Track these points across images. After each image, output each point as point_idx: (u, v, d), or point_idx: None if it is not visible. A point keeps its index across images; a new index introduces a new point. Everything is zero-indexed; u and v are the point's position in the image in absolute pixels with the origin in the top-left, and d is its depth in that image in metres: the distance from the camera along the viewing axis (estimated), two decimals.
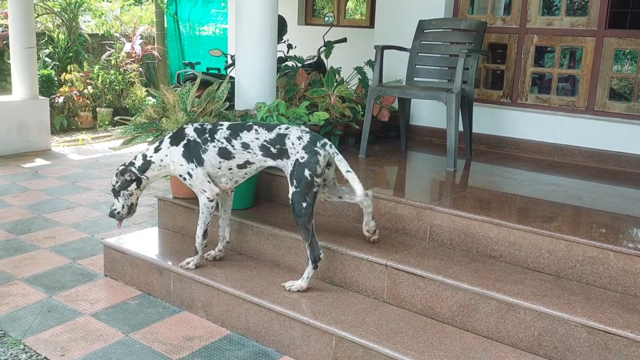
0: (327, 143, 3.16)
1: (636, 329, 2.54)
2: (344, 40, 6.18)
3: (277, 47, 4.55)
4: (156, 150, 3.38)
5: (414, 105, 5.47)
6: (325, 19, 6.60)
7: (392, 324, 2.96)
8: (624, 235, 3.18)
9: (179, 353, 3.05)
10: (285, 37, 6.30)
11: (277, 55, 4.66)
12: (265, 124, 3.33)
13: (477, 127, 5.12)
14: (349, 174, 3.15)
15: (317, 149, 3.12)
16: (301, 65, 5.84)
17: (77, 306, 3.52)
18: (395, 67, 5.42)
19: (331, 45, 6.05)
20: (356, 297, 3.24)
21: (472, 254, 3.33)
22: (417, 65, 5.05)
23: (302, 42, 6.66)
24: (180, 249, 3.82)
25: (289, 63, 5.96)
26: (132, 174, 3.35)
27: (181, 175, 3.36)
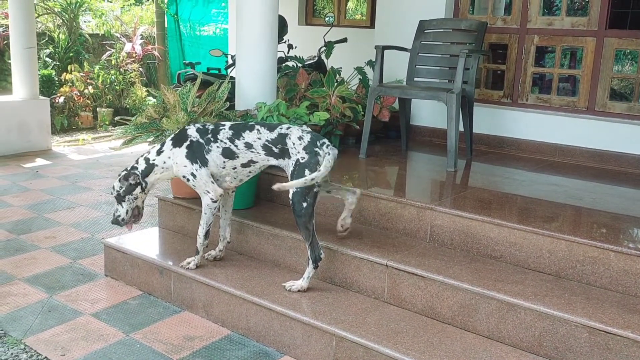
0: (325, 143, 3.15)
1: (637, 329, 2.54)
2: (344, 40, 6.18)
3: (277, 47, 4.55)
4: (158, 152, 3.35)
5: (415, 105, 5.47)
6: (325, 19, 6.61)
7: (392, 324, 2.96)
8: (624, 235, 3.18)
9: (179, 353, 3.05)
10: (285, 37, 6.31)
11: (278, 55, 4.66)
12: (267, 123, 3.32)
13: (477, 127, 5.12)
14: (309, 177, 3.04)
15: (317, 149, 3.11)
16: (302, 65, 5.84)
17: (78, 306, 3.52)
18: (395, 67, 5.42)
19: (331, 46, 6.05)
20: (357, 297, 3.24)
21: (473, 254, 3.33)
22: (417, 66, 5.05)
23: (303, 42, 6.66)
24: (180, 249, 3.82)
25: (290, 63, 5.96)
26: (136, 176, 3.32)
27: (185, 177, 3.33)
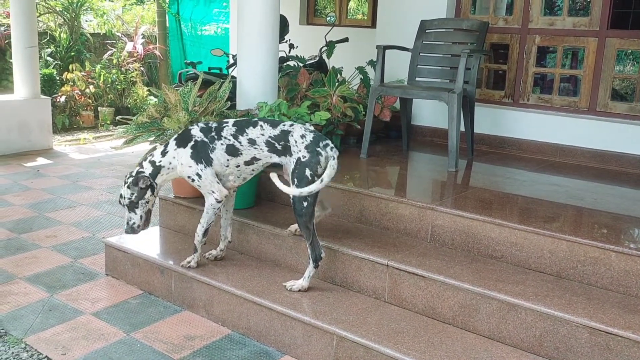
0: (329, 145, 3.14)
1: (638, 329, 2.54)
2: (345, 40, 6.17)
3: (278, 47, 4.55)
4: (163, 154, 3.32)
5: (416, 105, 5.46)
6: (327, 19, 6.61)
7: (393, 324, 2.95)
8: (625, 235, 3.18)
9: (180, 352, 3.05)
10: (287, 37, 6.31)
11: (279, 55, 4.65)
12: (270, 120, 3.31)
13: (478, 127, 5.12)
14: (318, 182, 3.04)
15: (319, 149, 3.11)
16: (303, 65, 5.83)
17: (78, 305, 3.53)
18: (397, 67, 5.42)
19: (333, 45, 6.05)
20: (357, 297, 3.24)
21: (474, 254, 3.33)
22: (418, 65, 5.04)
23: (304, 42, 6.66)
24: (181, 248, 3.82)
25: (291, 63, 5.96)
26: (146, 179, 3.24)
27: (190, 177, 3.30)
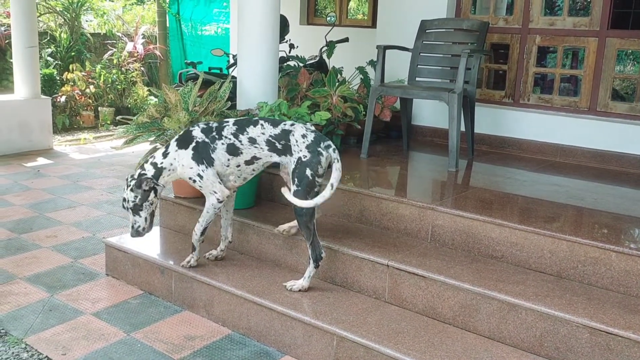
0: (331, 146, 3.15)
1: (638, 329, 2.54)
2: (345, 40, 6.17)
3: (279, 47, 4.55)
4: (164, 155, 3.31)
5: (416, 105, 5.46)
6: (327, 19, 6.61)
7: (393, 324, 2.95)
8: (626, 235, 3.17)
9: (180, 352, 3.05)
10: (287, 37, 6.31)
11: (279, 55, 4.66)
12: (271, 119, 3.31)
13: (479, 127, 5.12)
14: (329, 188, 3.03)
15: (320, 149, 3.11)
16: (303, 65, 5.83)
17: (79, 305, 3.53)
18: (397, 67, 5.42)
19: (333, 45, 6.05)
20: (357, 297, 3.24)
21: (474, 254, 3.32)
22: (419, 65, 5.04)
23: (304, 42, 6.66)
24: (181, 249, 3.82)
25: (291, 63, 5.96)
26: (149, 181, 3.23)
27: (191, 178, 3.29)
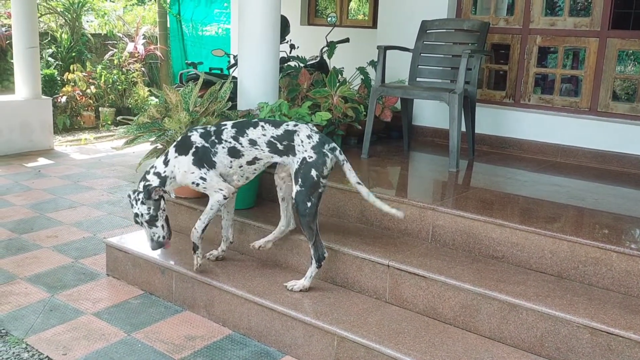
0: (336, 148, 3.17)
1: (639, 330, 2.53)
2: (346, 40, 6.17)
3: (279, 47, 4.55)
4: (165, 163, 3.27)
5: (417, 105, 5.46)
6: (327, 20, 6.60)
7: (394, 324, 2.95)
8: (626, 236, 3.17)
9: (180, 352, 3.05)
10: (287, 38, 6.31)
11: (280, 55, 4.65)
12: (271, 120, 3.32)
13: (479, 127, 5.12)
14: (359, 186, 3.19)
15: (325, 151, 3.12)
16: (304, 65, 5.83)
17: (79, 305, 3.53)
18: (397, 67, 5.42)
19: (334, 46, 6.05)
20: (358, 297, 3.24)
21: (475, 255, 3.32)
22: (419, 66, 5.04)
23: (305, 42, 6.66)
24: (182, 249, 3.82)
25: (292, 63, 5.95)
26: (158, 190, 3.19)
27: (194, 182, 3.27)
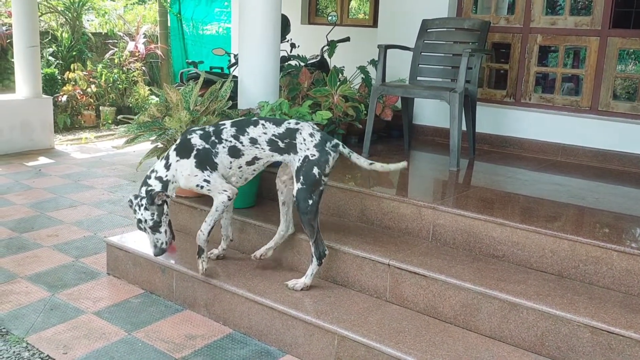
0: (339, 144, 3.18)
1: (639, 329, 2.53)
2: (347, 39, 6.17)
3: (280, 46, 4.54)
4: (167, 167, 3.23)
5: (417, 104, 5.46)
6: (328, 19, 6.60)
7: (394, 323, 2.95)
8: (627, 235, 3.17)
9: (181, 351, 3.05)
10: (288, 37, 6.31)
11: (280, 54, 4.65)
12: (272, 118, 3.31)
13: (480, 126, 5.11)
14: (373, 165, 3.26)
15: (328, 149, 3.13)
16: (304, 64, 5.83)
17: (80, 304, 3.53)
18: (398, 66, 5.41)
19: (334, 45, 6.04)
20: (358, 296, 3.24)
21: (475, 254, 3.32)
22: (420, 65, 5.04)
23: (305, 41, 6.66)
24: (183, 248, 3.82)
25: (292, 62, 5.96)
26: (161, 195, 3.15)
27: (198, 185, 3.22)
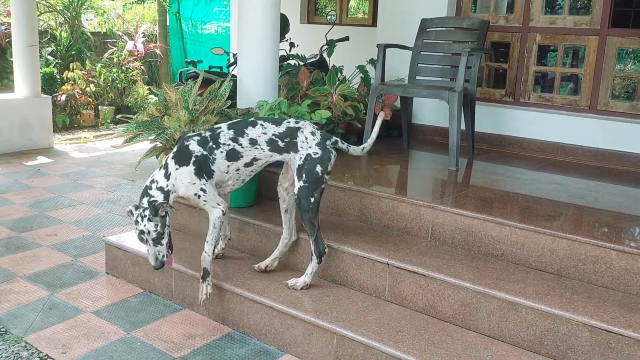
0: (337, 141, 3.22)
1: (638, 328, 2.53)
2: (346, 38, 6.17)
3: (279, 46, 4.54)
4: (167, 176, 3.15)
5: (416, 103, 5.46)
6: (327, 18, 6.60)
7: (393, 322, 2.95)
8: (626, 234, 3.17)
9: (180, 351, 3.05)
10: (287, 36, 6.30)
11: (280, 53, 4.65)
12: (270, 118, 3.32)
13: (479, 125, 5.11)
14: (364, 148, 3.39)
15: (329, 147, 3.16)
16: (303, 63, 5.83)
17: (79, 304, 3.53)
18: (397, 65, 5.41)
19: (333, 44, 6.04)
20: (357, 295, 3.24)
21: (474, 253, 3.32)
22: (419, 64, 5.04)
23: (305, 40, 6.66)
24: (181, 247, 3.82)
25: (291, 61, 5.95)
26: (165, 206, 3.09)
27: (196, 194, 3.16)
